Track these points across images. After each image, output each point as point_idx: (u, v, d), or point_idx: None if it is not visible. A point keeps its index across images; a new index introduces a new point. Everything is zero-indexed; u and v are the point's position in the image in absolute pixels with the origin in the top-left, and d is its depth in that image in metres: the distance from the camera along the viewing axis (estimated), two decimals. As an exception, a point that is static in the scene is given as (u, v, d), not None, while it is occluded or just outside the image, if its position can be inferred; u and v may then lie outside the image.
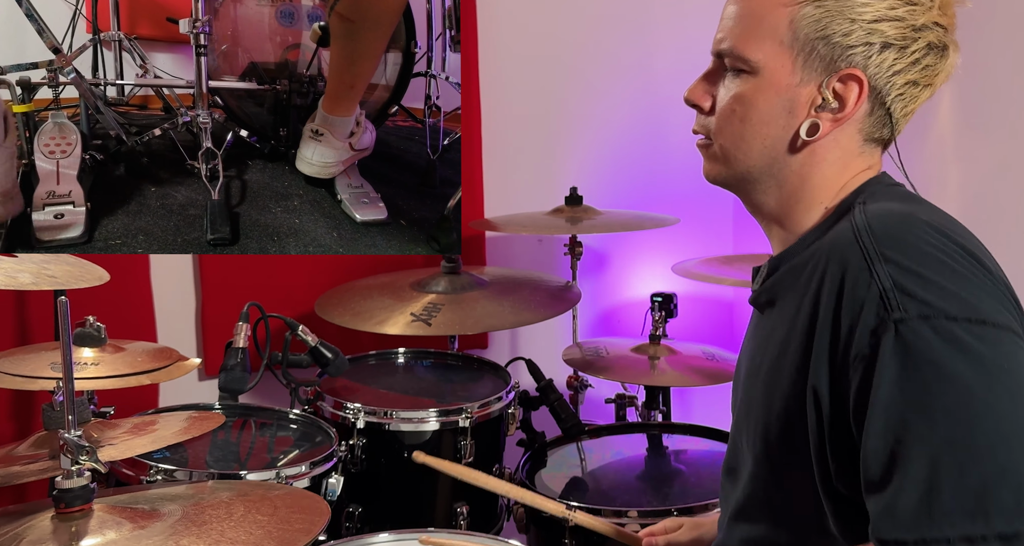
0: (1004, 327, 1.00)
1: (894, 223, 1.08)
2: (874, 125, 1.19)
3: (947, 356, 0.97)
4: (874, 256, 1.04)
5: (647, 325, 2.71)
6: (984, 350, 0.97)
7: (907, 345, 0.98)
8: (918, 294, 1.00)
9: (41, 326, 2.39)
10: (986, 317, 0.99)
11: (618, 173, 3.23)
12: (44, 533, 1.32)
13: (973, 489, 0.94)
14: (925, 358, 0.98)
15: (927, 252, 1.03)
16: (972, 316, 0.99)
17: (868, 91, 1.16)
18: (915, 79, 1.16)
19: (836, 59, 1.15)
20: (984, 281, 1.03)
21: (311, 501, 1.55)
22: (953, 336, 0.98)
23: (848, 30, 1.14)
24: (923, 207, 1.16)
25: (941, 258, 1.03)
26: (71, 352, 1.35)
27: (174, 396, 2.54)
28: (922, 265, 1.02)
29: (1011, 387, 0.97)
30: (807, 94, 1.17)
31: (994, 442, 0.95)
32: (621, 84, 3.25)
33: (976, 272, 1.03)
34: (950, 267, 1.02)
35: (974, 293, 1.01)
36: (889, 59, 1.14)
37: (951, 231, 1.07)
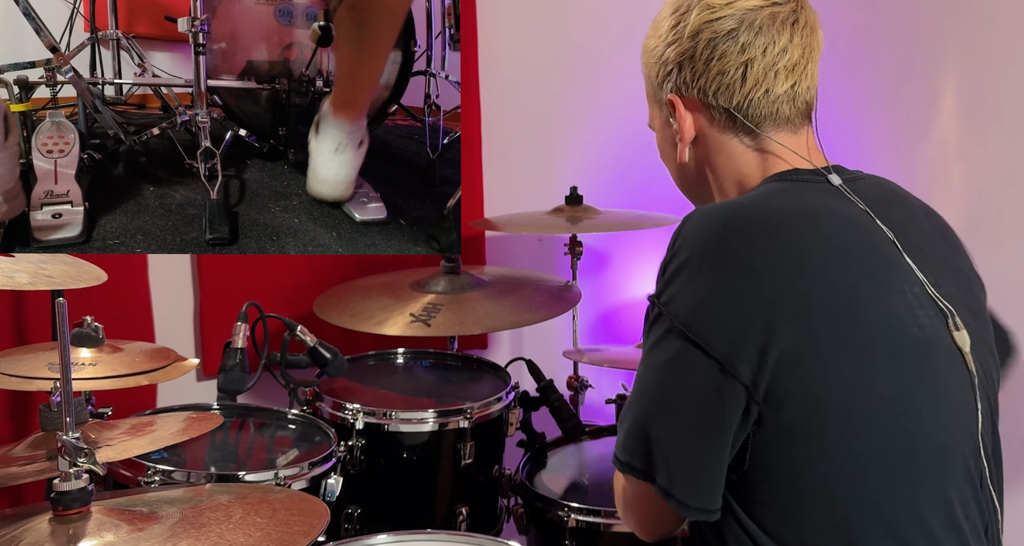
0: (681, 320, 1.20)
1: (698, 218, 1.27)
2: (725, 125, 1.37)
3: (647, 329, 1.28)
4: (672, 242, 1.28)
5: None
6: (657, 330, 1.24)
7: (648, 315, 1.29)
8: (664, 278, 1.26)
9: (38, 326, 2.38)
10: (672, 308, 1.22)
11: (618, 173, 3.23)
12: (42, 535, 1.32)
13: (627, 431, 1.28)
14: (646, 327, 1.29)
15: (695, 248, 1.23)
16: (665, 304, 1.23)
17: (690, 107, 1.38)
18: (720, 70, 1.33)
19: (662, 96, 1.41)
20: (711, 286, 1.20)
21: (310, 503, 1.55)
22: (659, 317, 1.24)
23: (655, 72, 1.41)
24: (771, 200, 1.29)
25: (699, 257, 1.22)
26: (69, 352, 1.35)
27: (172, 397, 2.54)
28: (683, 259, 1.23)
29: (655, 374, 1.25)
30: (671, 129, 1.43)
31: (636, 399, 1.28)
32: (621, 83, 3.23)
33: (716, 276, 1.20)
34: (698, 265, 1.22)
35: (685, 289, 1.22)
36: (687, 73, 1.35)
37: (752, 230, 1.22)
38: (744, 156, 1.37)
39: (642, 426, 1.24)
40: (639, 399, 1.26)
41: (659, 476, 1.22)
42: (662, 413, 1.23)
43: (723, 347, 1.17)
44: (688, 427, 1.21)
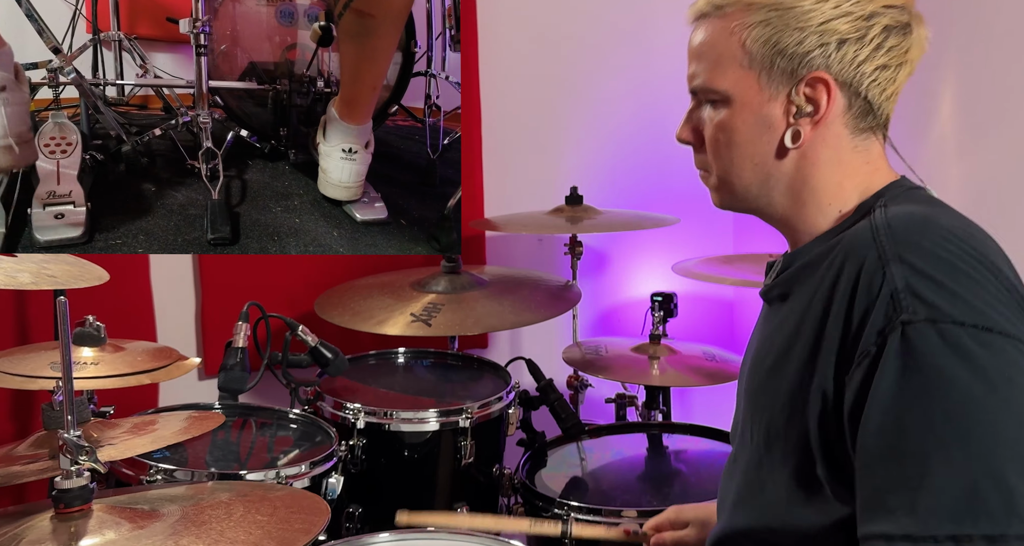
0: (1012, 336, 1.01)
1: (913, 225, 1.09)
2: (857, 117, 1.23)
3: (950, 361, 0.98)
4: (890, 256, 1.06)
5: (647, 325, 2.71)
6: (988, 358, 0.98)
7: (912, 347, 1.00)
8: (928, 297, 1.01)
9: (41, 326, 2.39)
10: (994, 325, 1.00)
11: (618, 173, 3.23)
12: (43, 533, 1.32)
13: (963, 491, 0.95)
14: (928, 361, 0.99)
15: (942, 256, 1.04)
16: (980, 323, 1.00)
17: (838, 88, 1.20)
18: (883, 63, 1.20)
19: (797, 68, 1.20)
20: (998, 289, 1.04)
21: (311, 501, 1.55)
22: (958, 342, 0.99)
23: (800, 39, 1.19)
24: (945, 211, 1.17)
25: (956, 263, 1.04)
26: (71, 352, 1.35)
27: (174, 396, 2.55)
28: (936, 269, 1.03)
29: (1009, 397, 0.98)
30: (780, 106, 1.22)
31: (987, 448, 0.96)
32: (621, 83, 3.25)
33: (990, 280, 1.04)
34: (964, 273, 1.03)
35: (986, 300, 1.02)
36: (850, 53, 1.19)
37: (971, 237, 1.09)
38: (852, 154, 1.24)
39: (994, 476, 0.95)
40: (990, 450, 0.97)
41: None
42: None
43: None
44: None
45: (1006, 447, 0.96)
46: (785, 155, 1.24)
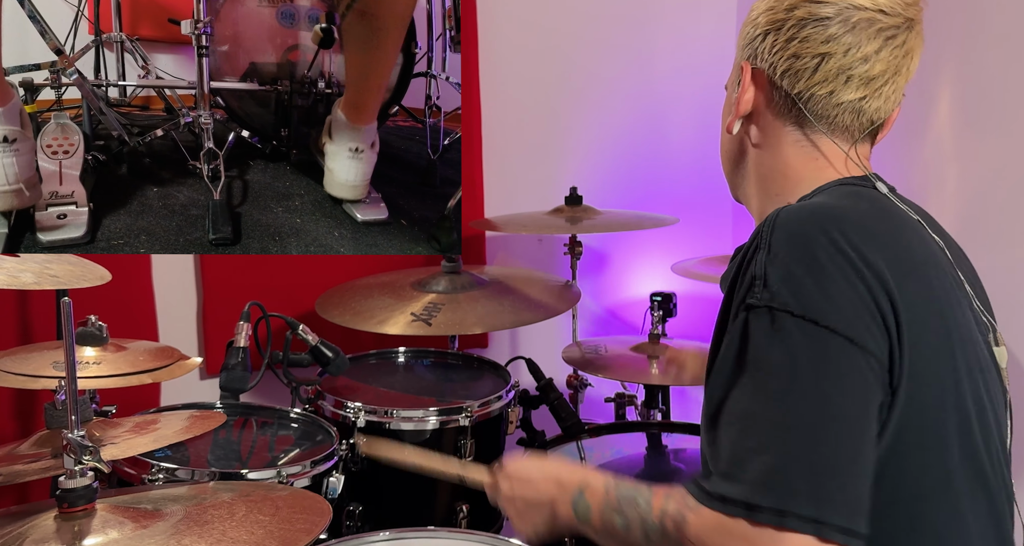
0: (840, 334, 1.05)
1: (797, 217, 1.13)
2: (780, 108, 1.28)
3: (771, 343, 1.07)
4: (762, 244, 1.12)
5: (647, 324, 2.72)
6: (805, 346, 1.05)
7: (747, 327, 1.09)
8: (773, 286, 1.08)
9: (43, 325, 2.40)
10: (821, 319, 1.05)
11: (618, 173, 3.24)
12: (47, 532, 1.32)
13: (749, 457, 1.05)
14: (756, 341, 1.08)
15: (807, 248, 1.09)
16: (808, 315, 1.06)
17: (757, 78, 1.28)
18: (796, 52, 1.24)
19: (739, 59, 1.32)
20: (849, 288, 1.07)
21: (312, 501, 1.55)
22: (783, 327, 1.06)
23: (746, 33, 1.30)
24: (859, 204, 1.20)
25: (817, 256, 1.08)
26: (73, 351, 1.36)
27: (175, 395, 2.55)
28: (795, 261, 1.09)
29: (811, 386, 1.04)
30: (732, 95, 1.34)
31: (776, 425, 1.04)
32: (621, 84, 3.26)
33: (847, 278, 1.08)
34: (820, 266, 1.08)
35: (828, 297, 1.07)
36: (768, 43, 1.26)
37: (861, 231, 1.12)
38: (793, 148, 1.28)
39: (780, 447, 1.03)
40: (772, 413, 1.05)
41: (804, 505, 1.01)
42: (827, 426, 1.04)
43: (872, 342, 1.07)
44: (854, 435, 1.05)
45: (788, 429, 1.04)
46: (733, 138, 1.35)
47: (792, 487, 1.01)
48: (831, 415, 1.04)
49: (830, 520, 1.00)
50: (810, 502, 1.01)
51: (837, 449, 1.03)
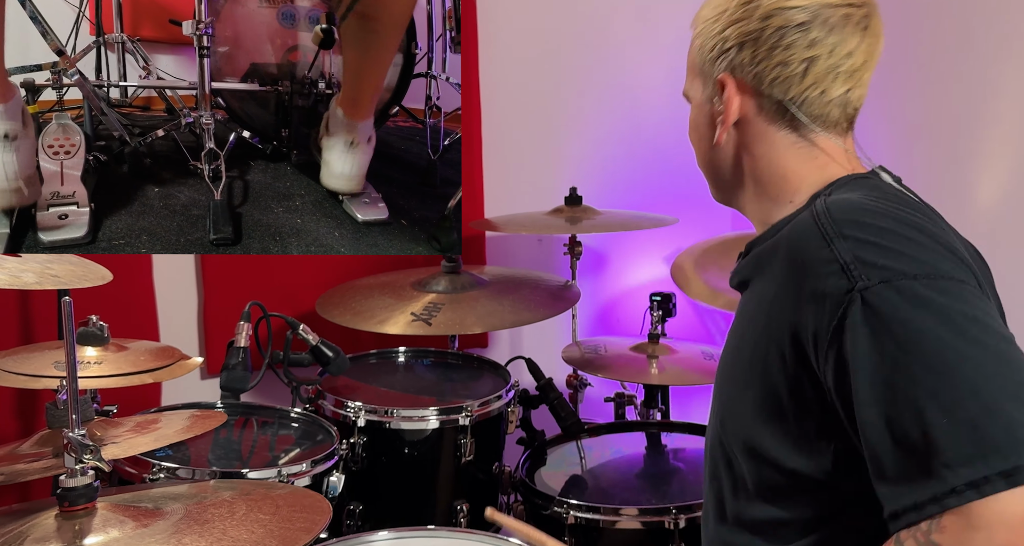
0: (959, 280, 1.04)
1: (849, 207, 1.14)
2: (772, 116, 1.28)
3: (914, 313, 1.01)
4: (832, 235, 1.10)
5: (646, 324, 2.72)
6: (947, 302, 1.01)
7: (875, 310, 1.02)
8: (877, 261, 1.05)
9: (44, 325, 2.40)
10: (944, 272, 1.04)
11: (618, 173, 3.24)
12: (48, 531, 1.33)
13: (966, 436, 0.95)
14: (895, 318, 1.01)
15: (881, 226, 1.09)
16: (930, 272, 1.03)
17: (742, 90, 1.28)
18: (781, 60, 1.24)
19: (712, 73, 1.30)
20: (938, 247, 1.08)
21: (313, 500, 1.56)
22: (915, 293, 1.01)
23: (710, 46, 1.29)
24: (885, 196, 1.21)
25: (894, 229, 1.09)
26: (75, 351, 1.36)
27: (176, 395, 2.55)
28: (878, 236, 1.08)
29: (978, 333, 1.00)
30: (710, 108, 1.33)
31: (975, 386, 0.96)
32: (621, 84, 3.27)
33: (928, 241, 1.08)
34: (903, 235, 1.08)
35: (929, 254, 1.06)
36: (747, 55, 1.26)
37: (905, 213, 1.13)
38: (790, 150, 1.29)
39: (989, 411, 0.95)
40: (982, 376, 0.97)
41: None
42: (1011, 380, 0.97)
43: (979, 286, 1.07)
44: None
45: (990, 380, 0.97)
46: (721, 151, 1.34)
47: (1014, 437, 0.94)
48: (1016, 353, 1.00)
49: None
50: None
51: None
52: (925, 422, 0.97)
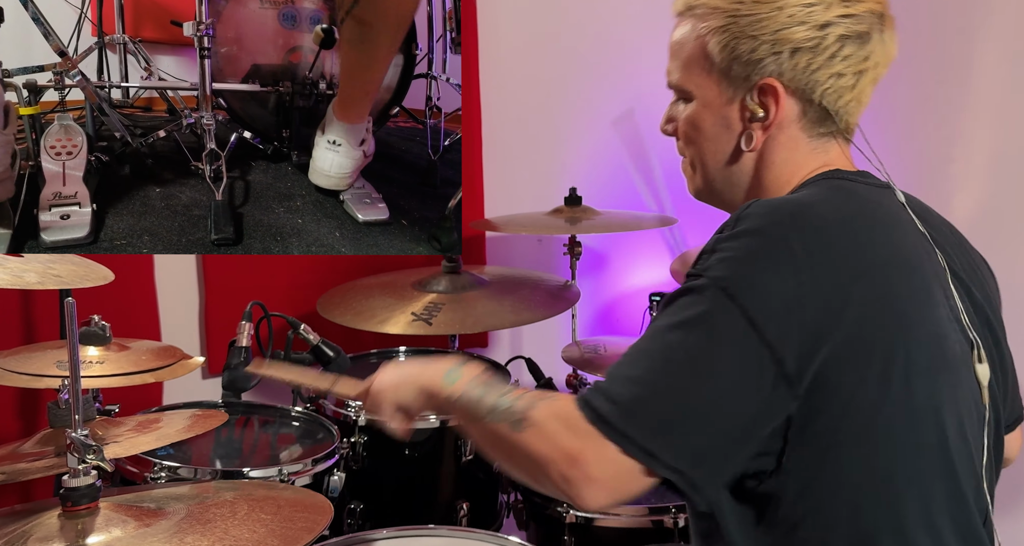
0: (746, 314, 1.10)
1: (762, 210, 1.16)
2: (813, 122, 1.28)
3: (685, 303, 1.13)
4: (725, 228, 1.17)
5: (645, 324, 2.73)
6: (709, 312, 1.11)
7: (682, 287, 1.16)
8: (713, 260, 1.14)
9: (46, 325, 2.41)
10: (737, 295, 1.10)
11: (617, 173, 3.25)
12: (51, 531, 1.34)
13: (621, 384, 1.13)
14: (676, 300, 1.15)
15: (756, 238, 1.13)
16: (728, 289, 1.11)
17: (789, 95, 1.25)
18: (838, 71, 1.24)
19: (751, 74, 1.26)
20: (784, 284, 1.11)
21: (314, 500, 1.57)
22: (703, 294, 1.12)
23: (754, 46, 1.24)
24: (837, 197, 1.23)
25: (763, 246, 1.13)
26: (77, 351, 1.37)
27: (178, 394, 2.56)
28: (740, 244, 1.13)
29: (696, 343, 1.11)
30: (737, 110, 1.29)
31: (656, 368, 1.12)
32: (619, 85, 3.27)
33: (784, 274, 1.11)
34: (763, 255, 1.12)
35: (756, 282, 1.11)
36: (803, 61, 1.23)
37: (822, 224, 1.16)
38: (807, 157, 1.29)
39: (650, 384, 1.11)
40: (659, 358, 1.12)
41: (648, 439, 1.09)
42: (688, 375, 1.10)
43: (777, 335, 1.09)
44: (712, 397, 1.10)
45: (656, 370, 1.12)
46: (742, 156, 1.31)
47: (645, 419, 1.09)
48: (702, 372, 1.10)
49: (664, 458, 1.08)
50: (654, 439, 1.08)
51: (696, 404, 1.09)
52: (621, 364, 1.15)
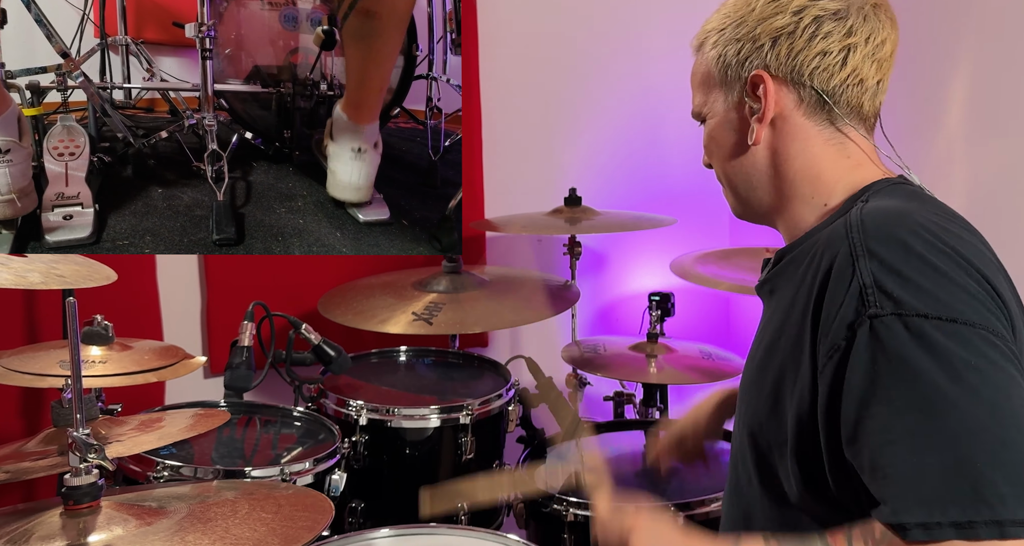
0: (977, 326, 1.02)
1: (885, 220, 1.11)
2: (812, 108, 1.27)
3: (915, 352, 1.01)
4: (860, 251, 1.08)
5: (645, 324, 2.74)
6: (952, 347, 1.00)
7: (879, 340, 1.03)
8: (895, 292, 1.03)
9: (50, 325, 2.42)
10: (959, 316, 1.02)
11: (617, 174, 3.25)
12: (53, 529, 1.34)
13: (930, 480, 0.97)
14: (895, 353, 1.01)
15: (912, 250, 1.06)
16: (944, 315, 1.02)
17: (780, 84, 1.26)
18: (822, 49, 1.24)
19: (741, 73, 1.28)
20: (966, 282, 1.05)
21: (315, 499, 1.56)
22: (923, 333, 1.01)
23: (738, 49, 1.28)
24: (925, 205, 1.19)
25: (925, 256, 1.06)
26: (79, 350, 1.37)
27: (180, 394, 2.57)
28: (904, 263, 1.05)
29: (976, 384, 0.99)
30: (738, 110, 1.30)
31: (953, 436, 0.98)
32: (620, 86, 3.28)
33: (959, 274, 1.05)
34: (932, 265, 1.05)
35: (951, 292, 1.03)
36: (784, 48, 1.25)
37: (944, 231, 1.10)
38: (826, 148, 1.27)
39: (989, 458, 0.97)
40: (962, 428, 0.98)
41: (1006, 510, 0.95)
42: (1008, 422, 0.98)
43: (1002, 330, 1.04)
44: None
45: (971, 435, 0.97)
46: (748, 151, 1.31)
47: (999, 494, 0.95)
48: (1009, 410, 0.99)
49: None
50: (1021, 504, 0.95)
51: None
52: (895, 456, 1.00)
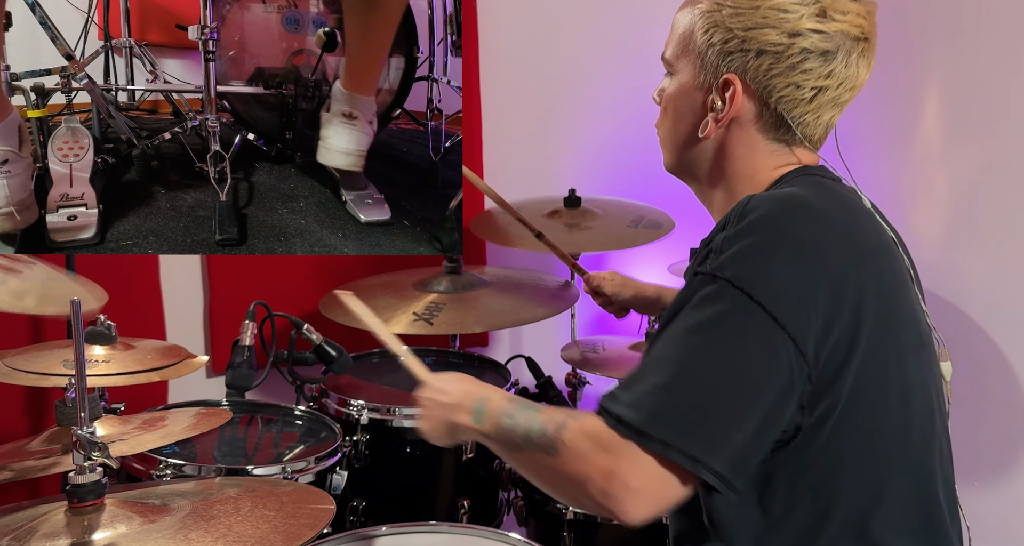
0: (767, 310, 1.12)
1: (764, 204, 1.19)
2: (768, 126, 1.31)
3: (703, 305, 1.15)
4: (728, 225, 1.19)
5: (643, 324, 2.74)
6: (730, 312, 1.13)
7: (691, 290, 1.18)
8: (724, 259, 1.16)
9: (53, 324, 2.43)
10: (755, 293, 1.13)
11: (616, 175, 3.26)
12: (58, 526, 1.35)
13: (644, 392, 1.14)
14: (692, 302, 1.17)
15: (764, 232, 1.16)
16: (744, 288, 1.13)
17: (748, 94, 1.29)
18: (796, 82, 1.26)
19: (719, 65, 1.30)
20: (796, 276, 1.14)
21: (317, 497, 1.57)
22: (720, 295, 1.14)
23: (727, 38, 1.29)
24: (821, 194, 1.25)
25: (772, 240, 1.16)
26: (83, 350, 1.37)
27: (182, 393, 2.58)
28: (749, 240, 1.16)
29: (720, 344, 1.13)
30: (703, 97, 1.34)
31: (683, 373, 1.13)
32: (619, 87, 3.28)
33: (795, 266, 1.15)
34: (772, 250, 1.15)
35: (771, 277, 1.14)
36: (765, 64, 1.27)
37: (818, 224, 1.19)
38: (769, 156, 1.33)
39: (680, 389, 1.13)
40: (685, 363, 1.13)
41: (689, 443, 1.10)
42: (718, 377, 1.12)
43: (797, 326, 1.13)
44: (743, 396, 1.12)
45: (684, 375, 1.13)
46: (698, 142, 1.37)
47: (682, 426, 1.10)
48: (731, 372, 1.12)
49: (707, 461, 1.09)
50: (695, 443, 1.09)
51: (729, 404, 1.11)
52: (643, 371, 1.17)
